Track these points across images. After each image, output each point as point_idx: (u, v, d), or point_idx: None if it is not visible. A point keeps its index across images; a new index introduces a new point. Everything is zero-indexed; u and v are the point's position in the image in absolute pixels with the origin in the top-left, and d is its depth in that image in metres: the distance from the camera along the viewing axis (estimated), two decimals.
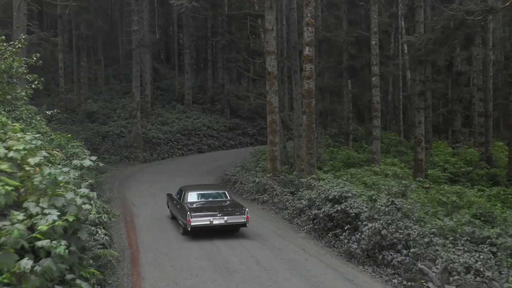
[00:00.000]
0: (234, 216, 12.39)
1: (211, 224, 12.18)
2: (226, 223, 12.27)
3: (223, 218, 12.23)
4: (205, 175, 27.18)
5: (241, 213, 12.50)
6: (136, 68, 32.66)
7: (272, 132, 20.56)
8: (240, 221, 12.46)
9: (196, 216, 12.08)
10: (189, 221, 11.92)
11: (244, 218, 12.43)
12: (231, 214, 12.41)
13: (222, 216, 12.27)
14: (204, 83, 46.65)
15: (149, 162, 32.27)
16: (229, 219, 12.29)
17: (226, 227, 12.49)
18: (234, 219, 12.38)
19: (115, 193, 20.59)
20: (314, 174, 17.82)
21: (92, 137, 32.72)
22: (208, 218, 12.18)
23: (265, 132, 43.37)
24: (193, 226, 11.95)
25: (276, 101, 20.63)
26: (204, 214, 12.32)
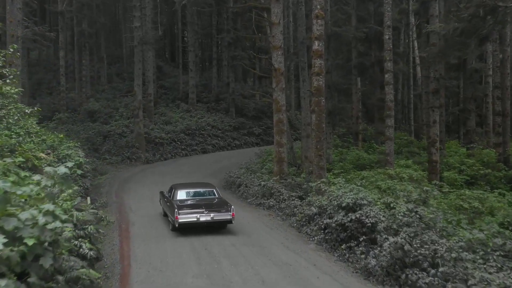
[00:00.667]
0: (220, 213, 12.70)
1: (198, 221, 12.49)
2: (212, 220, 12.58)
3: (209, 215, 12.54)
4: (208, 177, 25.88)
5: (227, 210, 12.80)
6: (138, 66, 31.42)
7: (279, 132, 19.22)
8: (226, 218, 12.78)
9: (183, 213, 12.41)
10: (176, 217, 12.26)
11: (230, 215, 12.74)
12: (217, 211, 12.71)
13: (209, 213, 12.57)
14: (208, 82, 45.38)
15: (151, 163, 31.06)
16: (215, 216, 12.59)
17: (213, 223, 12.80)
18: (220, 216, 12.70)
19: (113, 196, 19.35)
20: (324, 177, 16.47)
21: (93, 137, 31.57)
22: (195, 215, 12.49)
23: (271, 132, 41.97)
24: (180, 223, 12.28)
25: (283, 99, 19.29)
26: (191, 211, 12.60)
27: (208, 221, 12.56)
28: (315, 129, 17.01)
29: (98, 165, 27.81)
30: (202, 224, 12.66)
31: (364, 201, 11.80)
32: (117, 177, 25.44)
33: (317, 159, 16.82)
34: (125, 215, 15.72)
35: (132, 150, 31.08)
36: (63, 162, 15.62)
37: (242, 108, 40.53)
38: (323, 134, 17.03)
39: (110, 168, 28.95)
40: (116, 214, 15.83)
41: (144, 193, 19.83)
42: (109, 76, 45.52)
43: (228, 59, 41.09)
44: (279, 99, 19.20)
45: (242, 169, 24.08)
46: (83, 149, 29.71)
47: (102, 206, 17.04)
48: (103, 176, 25.89)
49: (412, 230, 9.75)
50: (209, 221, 12.58)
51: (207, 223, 12.67)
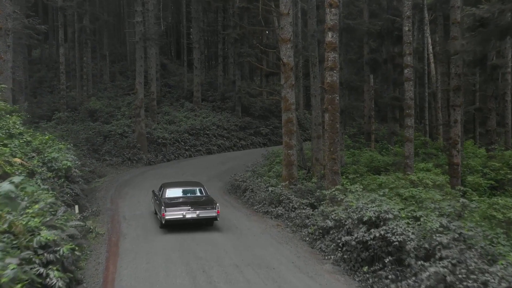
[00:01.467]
0: (205, 211, 12.96)
1: (184, 218, 12.79)
2: (198, 217, 12.88)
3: (195, 212, 12.82)
4: (212, 180, 24.21)
5: (212, 208, 13.07)
6: (140, 62, 29.77)
7: (288, 133, 17.43)
8: (211, 215, 13.06)
9: (170, 210, 12.69)
10: (163, 214, 12.61)
11: (215, 213, 13.03)
12: (203, 209, 12.98)
13: (194, 210, 12.85)
14: (214, 80, 43.66)
15: (153, 164, 29.41)
16: (201, 213, 12.87)
17: (199, 220, 13.07)
18: (206, 213, 12.95)
19: (107, 203, 17.67)
20: (338, 183, 14.69)
21: (93, 137, 29.97)
22: (181, 212, 12.78)
23: (279, 131, 40.33)
24: (167, 220, 12.63)
25: (292, 97, 17.49)
26: (178, 208, 12.88)
27: (194, 218, 12.85)
28: (328, 129, 15.20)
29: (97, 167, 26.22)
30: (188, 221, 12.94)
31: (389, 215, 9.99)
32: (116, 180, 23.79)
33: (331, 163, 15.00)
34: (117, 225, 14.02)
35: (133, 151, 29.45)
36: (49, 167, 13.98)
37: (249, 107, 38.76)
38: (337, 135, 15.22)
39: (110, 170, 27.35)
40: (108, 224, 14.14)
41: (141, 199, 18.12)
42: (112, 74, 43.97)
43: (234, 56, 39.32)
44: (288, 96, 17.41)
45: (248, 172, 22.32)
46: (82, 150, 28.29)
47: (93, 214, 15.39)
48: (101, 179, 24.28)
49: (452, 255, 7.93)
50: (195, 218, 12.87)
51: (193, 220, 12.94)
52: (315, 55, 20.80)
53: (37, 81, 43.02)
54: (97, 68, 44.53)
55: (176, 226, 13.15)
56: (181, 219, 12.80)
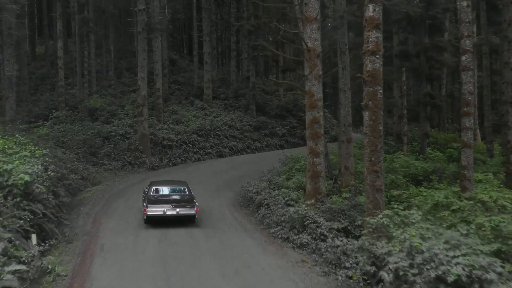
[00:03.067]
0: (185, 209, 13.26)
1: (164, 215, 13.07)
2: (177, 214, 13.14)
3: (175, 209, 13.11)
4: (222, 189, 20.55)
5: (192, 206, 13.35)
6: (142, 55, 26.22)
7: (314, 137, 13.58)
8: (190, 213, 13.31)
9: (151, 207, 13.04)
10: (145, 211, 12.99)
11: (194, 211, 13.28)
12: (182, 206, 13.31)
13: (174, 208, 13.16)
14: (226, 76, 40.01)
15: (157, 169, 25.85)
16: (180, 211, 13.16)
17: (178, 217, 13.27)
18: (185, 211, 13.23)
19: (89, 223, 14.06)
20: (382, 204, 10.84)
21: (91, 139, 26.49)
22: (162, 209, 13.08)
23: (297, 132, 36.41)
24: (148, 216, 12.96)
25: (319, 91, 13.62)
26: (159, 205, 13.19)
27: (173, 215, 13.16)
28: (368, 133, 11.29)
29: (92, 173, 22.75)
30: (169, 218, 13.19)
31: (491, 275, 6.12)
32: (110, 189, 20.26)
33: (372, 177, 11.08)
34: (88, 261, 10.35)
35: (135, 154, 25.92)
36: None
37: (264, 106, 34.96)
38: (380, 141, 11.31)
39: (107, 176, 23.88)
40: (77, 259, 10.49)
41: (130, 219, 14.47)
42: (119, 71, 40.58)
43: (248, 50, 35.56)
44: (314, 90, 13.55)
45: (263, 181, 18.51)
46: (77, 154, 24.92)
47: (65, 241, 11.80)
48: (94, 187, 20.78)
49: None
50: (175, 215, 13.17)
51: (173, 217, 13.21)
52: (344, 41, 16.88)
53: (39, 78, 39.97)
54: (103, 64, 41.25)
55: (158, 223, 13.31)
56: (162, 215, 13.14)
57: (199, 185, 20.90)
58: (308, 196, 13.44)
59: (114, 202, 17.13)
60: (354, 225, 12.10)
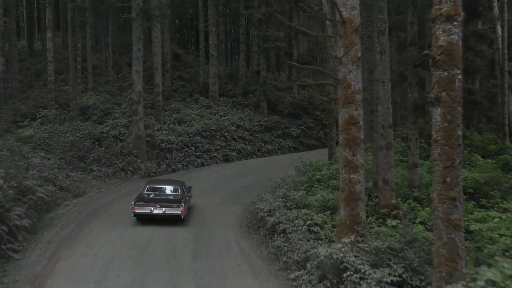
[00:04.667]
0: (171, 209, 12.97)
1: (151, 213, 12.93)
2: (164, 213, 12.94)
3: (161, 209, 12.91)
4: (227, 202, 16.77)
5: (178, 207, 12.98)
6: (137, 45, 22.50)
7: (350, 144, 9.56)
8: (176, 213, 12.94)
9: (139, 205, 12.95)
10: (133, 208, 12.91)
11: (180, 211, 12.88)
12: (169, 206, 13.02)
13: (161, 207, 12.93)
14: (235, 71, 36.08)
15: (153, 176, 22.08)
16: (166, 210, 12.93)
17: (164, 217, 13.04)
18: (171, 211, 12.94)
19: (44, 259, 10.26)
20: (460, 249, 6.93)
21: (80, 141, 22.80)
22: (149, 208, 12.92)
23: (313, 133, 32.16)
24: (136, 213, 12.96)
25: (358, 80, 9.59)
26: (147, 204, 13.04)
27: (160, 214, 12.90)
28: (441, 140, 7.24)
29: (75, 182, 19.06)
30: (155, 216, 12.98)
31: None
32: (92, 202, 16.51)
33: (446, 207, 7.07)
34: None
35: (129, 158, 22.19)
36: None
37: (276, 103, 31.04)
38: (459, 152, 7.28)
39: (95, 184, 20.21)
40: None
41: (102, 251, 10.63)
42: (119, 67, 36.94)
43: (258, 42, 31.62)
44: (351, 78, 9.54)
45: (277, 197, 14.55)
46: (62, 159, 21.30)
47: None
48: (74, 200, 17.05)
49: None
50: (161, 214, 12.91)
51: (159, 216, 12.95)
52: (383, 18, 12.84)
53: (34, 74, 36.50)
54: (102, 59, 37.68)
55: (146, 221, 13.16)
56: (149, 214, 12.96)
57: (200, 197, 17.14)
58: (342, 227, 9.45)
59: (90, 223, 13.32)
60: (412, 272, 8.20)
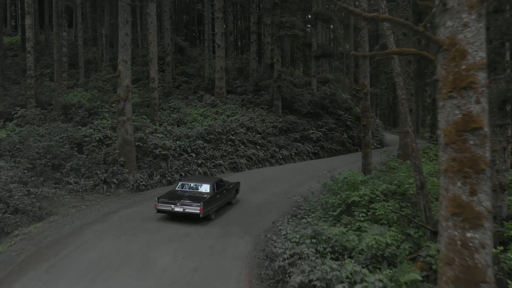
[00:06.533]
0: (191, 207, 12.81)
1: (172, 210, 13.03)
2: (184, 211, 12.86)
3: (182, 207, 12.91)
4: (230, 234, 12.07)
5: (198, 206, 12.74)
6: (124, 30, 17.91)
7: (464, 170, 4.72)
8: (195, 212, 12.73)
9: (162, 202, 13.13)
10: (155, 205, 13.22)
11: (198, 210, 12.69)
12: (189, 205, 12.86)
13: (181, 205, 12.93)
14: (245, 65, 31.32)
15: (143, 191, 17.55)
16: (186, 208, 12.85)
17: (184, 214, 12.92)
18: (190, 209, 12.79)
19: None
20: None
21: (56, 146, 18.26)
22: (171, 205, 13.02)
23: (335, 135, 26.31)
24: (158, 209, 13.17)
25: (480, 44, 4.80)
26: (169, 201, 13.11)
27: (180, 212, 12.86)
28: None
29: (41, 199, 14.56)
30: (176, 213, 12.99)
31: None
32: (48, 234, 11.93)
33: None
34: None
35: (113, 168, 17.62)
36: None
37: (293, 101, 26.23)
38: None
39: (70, 201, 15.76)
40: None
41: None
42: (115, 60, 32.45)
43: (272, 30, 26.84)
44: (468, 40, 4.72)
45: (301, 234, 9.73)
46: (30, 170, 16.84)
47: None
48: (30, 227, 12.57)
49: None
50: (181, 212, 12.85)
51: (180, 213, 12.91)
52: None
53: (23, 70, 32.20)
54: (98, 53, 33.32)
55: None
56: (170, 211, 12.99)
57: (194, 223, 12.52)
58: None
59: (24, 275, 8.68)
60: None
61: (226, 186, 14.90)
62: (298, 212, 13.53)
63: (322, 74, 31.06)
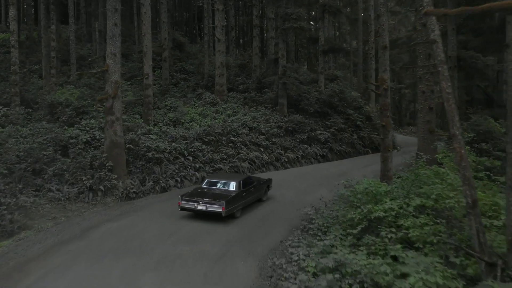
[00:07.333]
0: (213, 206, 12.50)
1: (195, 208, 12.73)
2: (206, 210, 12.56)
3: (204, 205, 12.58)
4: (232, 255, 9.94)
5: (220, 204, 12.35)
6: (113, 19, 15.90)
7: None
8: (217, 210, 12.37)
9: (185, 200, 12.84)
10: (179, 203, 12.94)
11: (220, 209, 12.31)
12: (212, 203, 12.52)
13: (204, 204, 12.59)
14: (247, 61, 29.27)
15: (133, 199, 15.55)
16: (209, 207, 12.53)
17: (207, 213, 12.62)
18: (213, 208, 12.48)
19: None
20: None
21: (38, 149, 16.28)
22: (194, 203, 12.70)
23: (344, 136, 23.58)
24: (181, 207, 12.91)
25: None
26: (192, 199, 12.78)
27: (203, 210, 12.60)
28: None
29: (12, 212, 12.60)
30: (199, 211, 12.73)
31: None
32: (15, 255, 9.93)
33: None
34: None
35: (100, 173, 15.61)
36: None
37: (299, 100, 24.17)
38: None
39: (49, 211, 13.92)
40: None
41: None
42: None
43: (277, 23, 24.78)
44: None
45: (322, 274, 7.65)
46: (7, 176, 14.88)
47: None
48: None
49: None
50: (204, 210, 12.58)
51: (202, 212, 12.66)
52: None
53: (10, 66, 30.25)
54: (93, 49, 31.34)
55: None
56: (193, 209, 12.74)
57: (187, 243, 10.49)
58: None
59: None
60: None
61: (255, 183, 14.45)
62: (310, 227, 11.50)
63: (329, 71, 29.01)
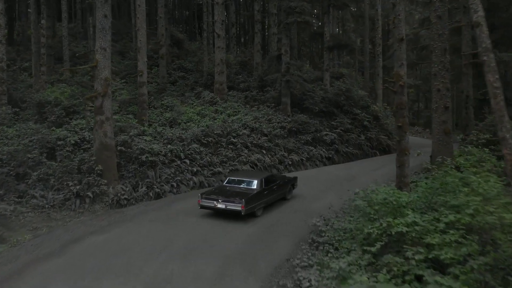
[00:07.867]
0: (233, 204, 12.38)
1: (215, 207, 12.61)
2: (226, 208, 12.48)
3: (224, 204, 12.50)
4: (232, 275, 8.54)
5: (239, 202, 12.24)
6: (102, 10, 14.54)
7: None
8: (236, 209, 12.27)
9: (205, 198, 12.73)
10: (199, 201, 12.84)
11: (240, 207, 12.20)
12: (231, 202, 12.41)
13: (224, 202, 12.51)
14: (249, 59, 27.88)
15: (124, 206, 14.21)
16: (228, 205, 12.44)
17: (226, 211, 12.53)
18: (232, 206, 12.38)
19: None
20: None
21: (23, 151, 14.93)
22: (213, 201, 12.60)
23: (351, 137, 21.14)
24: (201, 205, 12.81)
25: None
26: (212, 198, 12.67)
27: (222, 208, 12.51)
28: None
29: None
30: (219, 210, 12.62)
31: None
32: None
33: None
34: None
35: (89, 178, 14.25)
36: None
37: (303, 99, 22.77)
38: None
39: (31, 220, 12.74)
40: None
41: None
42: None
43: (280, 17, 23.40)
44: None
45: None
46: None
47: None
48: None
49: None
50: (223, 208, 12.50)
51: (222, 210, 12.59)
52: None
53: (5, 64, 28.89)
54: (88, 46, 29.98)
55: None
56: (213, 207, 12.62)
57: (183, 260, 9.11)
58: None
59: None
60: None
61: (279, 182, 14.22)
62: (319, 241, 10.12)
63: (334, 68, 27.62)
